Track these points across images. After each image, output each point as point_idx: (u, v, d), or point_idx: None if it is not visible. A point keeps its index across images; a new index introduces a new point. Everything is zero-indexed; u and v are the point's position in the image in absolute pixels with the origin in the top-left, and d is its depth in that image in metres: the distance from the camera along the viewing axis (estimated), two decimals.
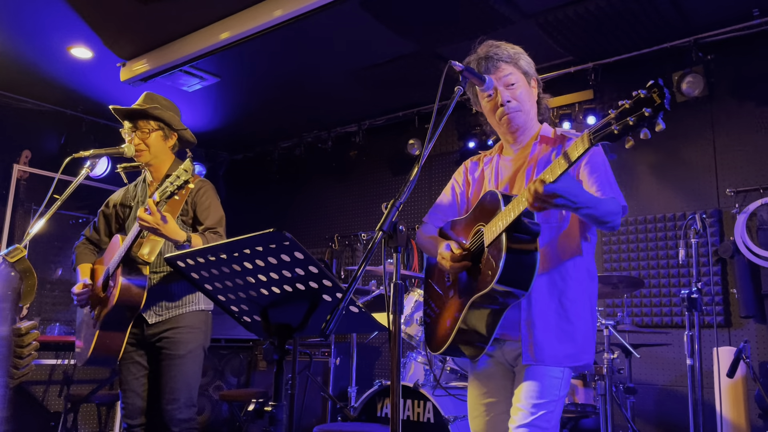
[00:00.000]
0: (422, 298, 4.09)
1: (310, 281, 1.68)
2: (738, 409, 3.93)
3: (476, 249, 2.05)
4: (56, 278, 5.98)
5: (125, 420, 2.87)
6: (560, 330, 2.01)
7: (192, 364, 2.85)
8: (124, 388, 2.89)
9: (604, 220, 1.93)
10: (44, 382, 5.60)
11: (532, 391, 1.96)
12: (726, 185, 4.43)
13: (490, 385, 2.16)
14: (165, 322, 2.85)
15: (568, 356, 2.00)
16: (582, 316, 2.05)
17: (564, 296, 2.03)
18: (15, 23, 4.55)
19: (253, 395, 5.14)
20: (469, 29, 4.50)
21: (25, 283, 2.09)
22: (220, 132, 6.71)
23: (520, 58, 2.20)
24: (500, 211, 1.94)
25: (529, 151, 2.20)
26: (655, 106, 1.58)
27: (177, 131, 3.02)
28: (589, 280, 2.11)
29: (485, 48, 2.22)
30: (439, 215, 2.38)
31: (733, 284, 4.34)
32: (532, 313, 2.00)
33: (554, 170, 1.77)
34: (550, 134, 2.21)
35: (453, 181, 2.42)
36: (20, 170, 5.73)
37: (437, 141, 2.29)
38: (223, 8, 4.39)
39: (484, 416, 2.15)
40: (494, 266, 1.90)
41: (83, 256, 3.09)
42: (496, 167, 2.27)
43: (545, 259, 2.03)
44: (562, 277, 2.04)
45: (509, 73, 2.16)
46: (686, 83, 4.42)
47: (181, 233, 2.66)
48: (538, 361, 1.97)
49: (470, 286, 2.04)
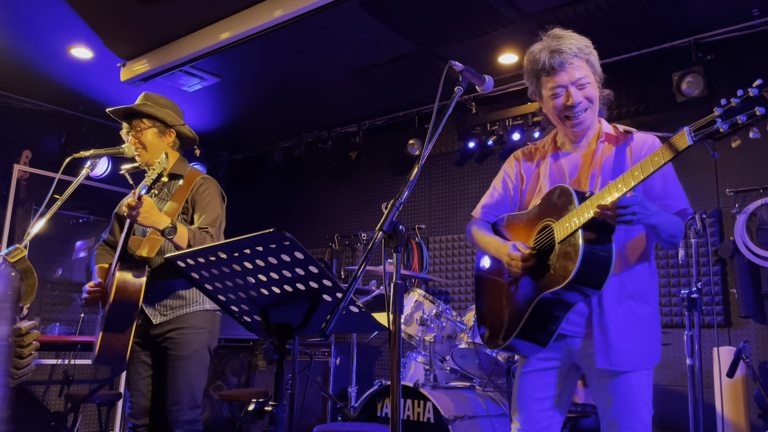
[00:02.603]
0: (422, 297, 4.10)
1: (311, 281, 1.68)
2: (738, 409, 3.93)
3: (544, 246, 2.02)
4: (56, 278, 5.98)
5: (130, 419, 2.87)
6: (633, 332, 1.99)
7: (196, 365, 2.83)
8: (130, 387, 2.89)
9: (669, 233, 1.92)
10: (44, 382, 5.60)
11: (628, 410, 1.95)
12: (726, 185, 4.43)
13: (543, 381, 2.13)
14: (170, 322, 2.83)
15: (645, 358, 1.99)
16: (649, 319, 2.04)
17: (633, 298, 2.02)
18: (15, 23, 4.55)
19: (253, 395, 5.14)
20: (469, 29, 4.50)
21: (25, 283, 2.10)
22: (220, 132, 6.72)
23: (590, 54, 2.10)
24: (574, 208, 1.91)
25: (593, 150, 2.14)
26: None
27: (173, 127, 3.00)
28: (651, 278, 2.09)
29: (555, 39, 2.08)
30: (490, 211, 2.33)
31: (733, 284, 4.34)
32: (605, 316, 1.99)
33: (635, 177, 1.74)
34: (612, 131, 2.15)
35: (504, 174, 2.34)
36: (20, 170, 5.73)
37: (437, 141, 2.27)
38: (223, 8, 4.39)
39: (531, 409, 2.12)
40: (569, 264, 1.88)
41: (100, 257, 3.08)
42: (555, 163, 2.21)
43: (616, 261, 2.00)
44: (630, 280, 2.03)
45: (583, 75, 2.06)
46: (686, 83, 4.42)
47: (164, 218, 2.62)
48: (615, 365, 1.95)
49: (537, 284, 2.01)
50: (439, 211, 5.95)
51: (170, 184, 3.01)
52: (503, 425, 3.73)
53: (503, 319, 2.15)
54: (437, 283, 5.74)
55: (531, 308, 1.99)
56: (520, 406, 2.13)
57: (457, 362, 4.06)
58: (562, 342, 2.08)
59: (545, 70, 2.09)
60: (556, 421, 2.11)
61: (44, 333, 5.37)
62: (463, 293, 5.61)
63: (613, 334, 1.97)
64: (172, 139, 3.02)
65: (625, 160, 2.08)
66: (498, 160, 5.63)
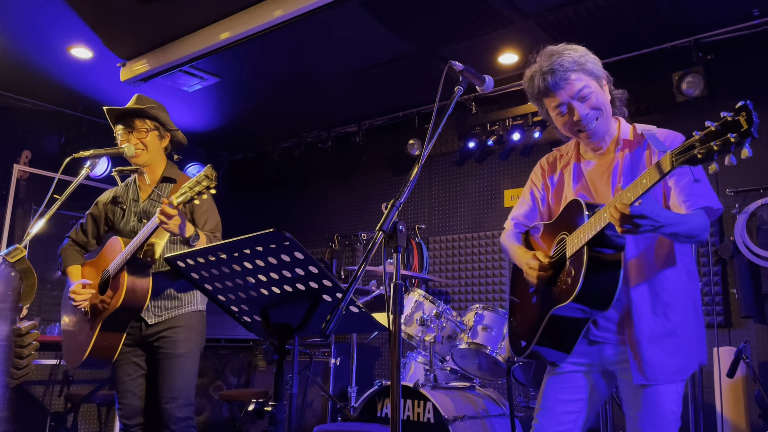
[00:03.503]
0: (422, 297, 4.09)
1: (310, 281, 1.68)
2: (738, 409, 3.93)
3: (559, 258, 2.02)
4: (56, 278, 5.98)
5: (122, 420, 2.87)
6: (668, 344, 1.95)
7: (190, 363, 2.86)
8: (120, 389, 2.88)
9: (689, 235, 1.85)
10: (44, 382, 5.59)
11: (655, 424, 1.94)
12: (726, 185, 4.43)
13: (569, 384, 2.11)
14: (163, 322, 2.85)
15: (679, 370, 1.96)
16: (687, 324, 1.99)
17: (668, 308, 1.97)
18: (15, 23, 4.55)
19: (253, 395, 5.14)
20: (469, 29, 4.50)
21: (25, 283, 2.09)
22: (220, 132, 6.71)
23: (586, 62, 2.04)
24: (583, 223, 1.90)
25: (611, 158, 2.11)
26: (741, 131, 1.47)
27: (170, 132, 3.03)
28: (689, 280, 2.04)
29: (547, 59, 2.04)
30: (519, 221, 2.34)
31: (733, 284, 4.34)
32: (636, 329, 1.95)
33: (636, 189, 1.71)
34: (629, 135, 2.11)
35: (531, 184, 2.34)
36: (20, 170, 5.73)
37: (437, 141, 2.27)
38: (223, 8, 4.39)
39: (554, 410, 2.10)
40: (573, 282, 1.87)
41: (71, 258, 3.05)
42: (577, 172, 2.19)
43: (642, 269, 1.97)
44: (663, 287, 1.98)
45: (582, 86, 2.01)
46: (686, 83, 4.42)
47: (191, 227, 2.68)
48: (651, 380, 1.93)
49: (550, 297, 2.02)
50: (439, 211, 5.95)
51: (162, 187, 3.01)
52: (503, 425, 3.72)
53: (525, 328, 2.17)
54: (437, 283, 5.74)
55: (544, 322, 2.01)
56: (543, 404, 2.12)
57: (457, 362, 4.06)
58: (594, 347, 2.07)
59: (543, 93, 2.07)
60: (578, 426, 2.09)
61: (44, 333, 5.37)
62: (463, 293, 5.61)
63: (647, 348, 1.93)
64: (167, 143, 3.05)
65: (641, 165, 2.05)
66: (498, 160, 5.64)
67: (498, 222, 5.55)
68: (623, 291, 1.97)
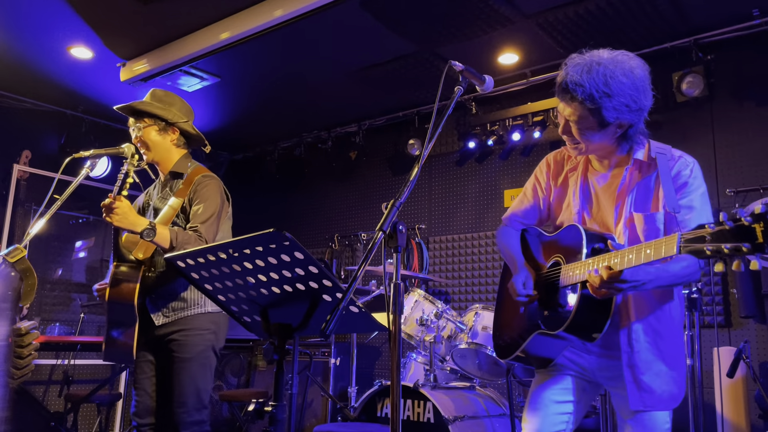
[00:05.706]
0: (422, 297, 4.10)
1: (310, 281, 1.68)
2: (738, 410, 3.93)
3: (550, 280, 2.04)
4: (56, 278, 5.98)
5: (134, 418, 2.87)
6: (663, 372, 1.97)
7: (200, 367, 2.82)
8: (136, 386, 2.89)
9: (675, 285, 1.89)
10: (44, 382, 5.60)
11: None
12: (726, 185, 4.43)
13: (560, 386, 2.13)
14: (173, 324, 2.83)
15: (673, 398, 1.98)
16: (677, 353, 2.01)
17: (660, 337, 1.97)
18: (15, 23, 4.55)
19: (253, 395, 5.14)
20: (469, 29, 4.50)
21: (25, 283, 2.09)
22: (220, 132, 6.71)
23: (602, 105, 1.90)
24: (581, 259, 1.90)
25: (620, 180, 2.05)
26: (755, 243, 1.36)
27: (174, 124, 2.98)
28: (679, 305, 2.05)
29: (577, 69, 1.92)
30: (518, 218, 2.33)
31: (733, 284, 4.34)
32: (635, 357, 1.95)
33: (628, 260, 1.70)
34: (644, 156, 2.03)
35: (534, 180, 2.30)
36: (20, 170, 5.73)
37: (437, 141, 2.26)
38: (223, 8, 4.39)
39: (548, 410, 2.10)
40: (564, 313, 1.90)
41: None
42: (583, 183, 2.14)
43: (639, 305, 1.97)
44: (657, 318, 1.99)
45: (578, 117, 1.94)
46: (686, 83, 4.42)
47: (141, 220, 2.58)
48: (649, 406, 1.95)
49: (539, 316, 2.04)
50: (439, 211, 5.95)
51: (173, 182, 3.01)
52: (503, 425, 3.72)
53: (510, 335, 2.20)
54: (437, 283, 5.74)
55: (530, 338, 2.06)
56: (536, 405, 2.11)
57: (457, 362, 4.06)
58: (581, 356, 2.11)
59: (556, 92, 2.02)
60: (570, 428, 2.10)
61: (44, 333, 5.37)
62: (463, 293, 5.61)
63: (644, 375, 1.94)
64: (175, 137, 3.00)
65: (650, 191, 2.01)
66: (498, 160, 5.64)
67: (498, 222, 5.52)
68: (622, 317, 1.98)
